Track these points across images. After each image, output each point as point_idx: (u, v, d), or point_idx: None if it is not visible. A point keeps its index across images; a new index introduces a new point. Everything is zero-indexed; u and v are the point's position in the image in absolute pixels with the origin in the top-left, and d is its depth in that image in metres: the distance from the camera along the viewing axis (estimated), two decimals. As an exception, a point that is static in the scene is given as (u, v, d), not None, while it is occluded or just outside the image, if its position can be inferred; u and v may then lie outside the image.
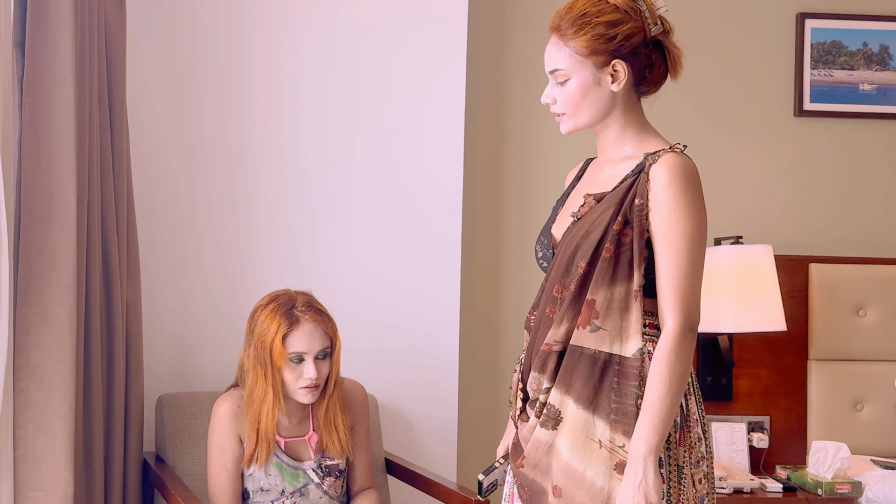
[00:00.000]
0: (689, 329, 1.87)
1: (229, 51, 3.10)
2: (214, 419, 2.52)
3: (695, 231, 1.88)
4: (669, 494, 1.90)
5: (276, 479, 2.50)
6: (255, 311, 2.51)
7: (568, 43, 1.96)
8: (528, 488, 1.95)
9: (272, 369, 2.44)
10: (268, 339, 2.44)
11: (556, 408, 1.91)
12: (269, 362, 2.44)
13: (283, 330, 2.43)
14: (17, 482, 2.31)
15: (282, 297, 2.51)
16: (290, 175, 3.14)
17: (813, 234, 3.59)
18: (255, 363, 2.46)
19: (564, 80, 1.98)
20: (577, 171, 2.16)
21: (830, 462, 3.06)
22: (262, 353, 2.44)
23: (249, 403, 2.47)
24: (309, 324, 2.46)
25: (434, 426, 3.19)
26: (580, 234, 1.94)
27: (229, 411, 2.51)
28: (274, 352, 2.43)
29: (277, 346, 2.42)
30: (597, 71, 1.96)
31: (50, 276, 2.35)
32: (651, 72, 1.99)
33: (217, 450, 2.50)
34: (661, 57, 1.99)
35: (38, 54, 2.36)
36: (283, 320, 2.44)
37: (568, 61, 1.96)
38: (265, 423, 2.46)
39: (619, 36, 1.93)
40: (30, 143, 2.35)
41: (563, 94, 1.99)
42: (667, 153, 1.92)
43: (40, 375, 2.33)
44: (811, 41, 3.59)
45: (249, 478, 2.51)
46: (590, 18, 1.94)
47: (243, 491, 2.52)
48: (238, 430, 2.51)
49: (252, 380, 2.47)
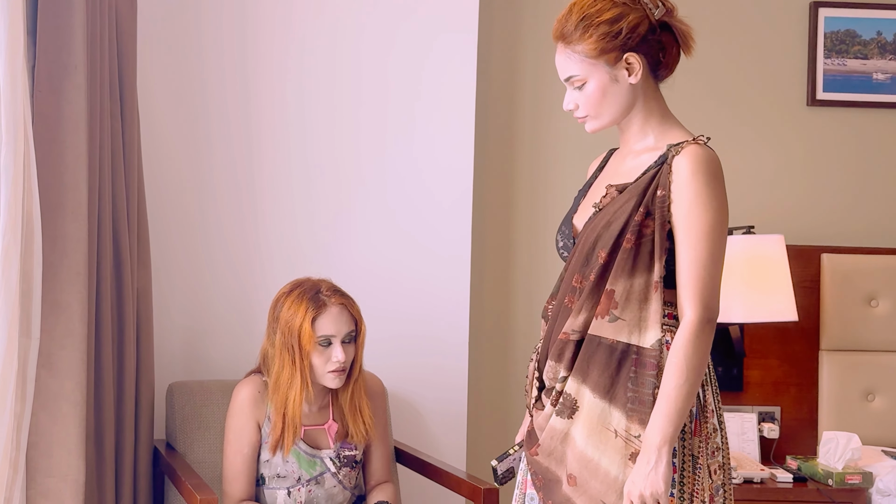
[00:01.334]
0: (708, 321, 1.86)
1: (237, 39, 3.10)
2: (234, 404, 2.53)
3: (716, 223, 1.88)
4: (683, 484, 1.90)
5: (293, 466, 2.51)
6: (279, 299, 2.52)
7: (575, 48, 1.95)
8: (542, 476, 1.95)
9: (300, 354, 2.45)
10: (295, 323, 2.44)
11: (572, 397, 1.91)
12: (298, 347, 2.44)
13: (311, 314, 2.44)
14: (29, 469, 2.32)
15: (305, 283, 2.53)
16: (299, 164, 3.14)
17: (825, 224, 3.58)
18: (281, 349, 2.46)
19: (581, 84, 1.97)
20: (599, 162, 2.15)
21: (841, 452, 3.06)
22: (290, 338, 2.45)
23: (276, 389, 2.47)
24: (336, 307, 2.47)
25: (443, 415, 3.20)
26: (601, 224, 1.94)
27: (250, 396, 2.52)
28: (303, 336, 2.43)
29: (307, 330, 2.43)
30: (611, 69, 1.95)
31: (61, 264, 2.36)
32: (665, 55, 1.98)
33: (235, 434, 2.51)
34: (671, 37, 1.98)
35: (50, 43, 2.36)
36: (310, 304, 2.45)
37: (580, 66, 1.96)
38: (292, 407, 2.46)
39: (625, 30, 1.92)
40: (41, 132, 2.35)
41: (584, 98, 1.98)
42: (690, 145, 1.91)
43: (52, 363, 2.34)
44: (825, 30, 3.56)
45: (266, 464, 2.52)
46: (591, 19, 1.93)
47: (259, 477, 2.53)
48: (257, 416, 2.52)
49: (279, 366, 2.47)
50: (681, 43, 1.99)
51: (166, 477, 2.78)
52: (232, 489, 2.51)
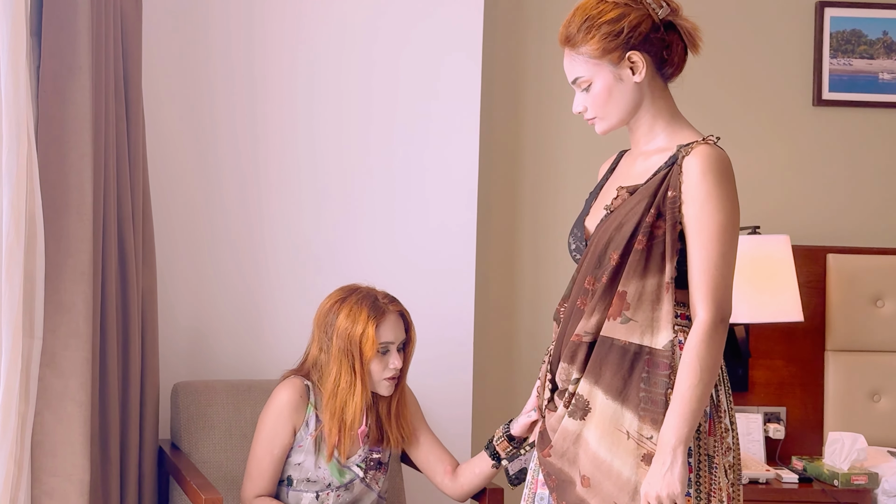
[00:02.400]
0: (721, 321, 1.87)
1: (244, 40, 3.09)
2: (274, 405, 2.51)
3: (727, 223, 1.88)
4: (699, 484, 1.90)
5: (324, 473, 2.50)
6: (331, 307, 2.50)
7: (580, 50, 1.97)
8: (556, 477, 1.96)
9: (360, 361, 2.44)
10: (356, 331, 2.43)
11: (584, 398, 1.92)
12: (359, 354, 2.44)
13: (373, 321, 2.44)
14: (33, 468, 2.33)
15: (358, 290, 2.52)
16: (305, 164, 3.14)
17: (831, 225, 3.57)
18: (339, 356, 2.45)
19: (588, 86, 1.99)
20: (610, 164, 2.16)
21: (847, 453, 3.05)
22: (350, 345, 2.44)
23: (333, 395, 2.46)
24: (393, 314, 2.49)
25: (448, 414, 3.19)
26: (613, 226, 1.95)
27: (291, 401, 2.50)
28: (365, 343, 2.43)
29: (370, 338, 2.43)
30: (615, 68, 1.96)
31: (66, 264, 2.36)
32: (670, 53, 1.98)
33: (268, 434, 2.50)
34: (676, 36, 1.99)
35: (55, 44, 2.36)
36: (370, 312, 2.45)
37: (585, 67, 1.98)
38: (351, 413, 2.45)
39: (626, 28, 1.94)
40: (46, 133, 2.36)
41: (591, 99, 2.00)
42: (700, 145, 1.92)
43: (57, 363, 2.34)
44: (830, 30, 3.56)
45: (297, 467, 2.51)
46: (593, 21, 1.95)
47: (286, 478, 2.52)
48: (295, 420, 2.50)
49: (336, 373, 2.45)
50: (687, 41, 1.99)
51: (171, 477, 2.79)
52: (254, 486, 2.50)
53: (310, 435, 2.50)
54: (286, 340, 3.07)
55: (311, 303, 3.10)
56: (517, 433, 2.35)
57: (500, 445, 2.38)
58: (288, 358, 3.04)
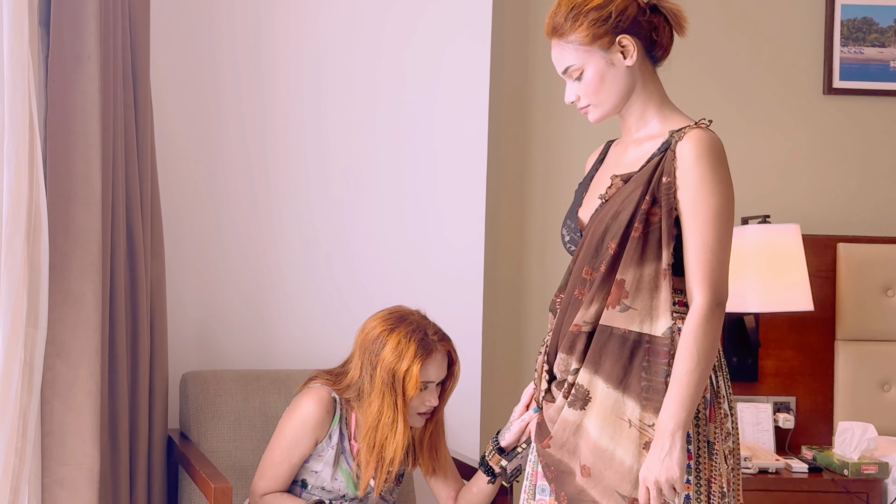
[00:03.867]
0: (717, 305, 1.87)
1: (251, 29, 3.10)
2: (299, 416, 2.45)
3: (722, 207, 1.88)
4: (699, 470, 1.90)
5: (340, 485, 2.48)
6: (378, 336, 2.40)
7: (569, 39, 1.98)
8: (555, 468, 1.96)
9: (403, 398, 2.37)
10: (401, 367, 2.35)
11: (584, 388, 1.92)
12: (402, 392, 2.37)
13: (419, 360, 2.35)
14: (43, 457, 2.34)
15: (409, 320, 2.42)
16: (312, 154, 3.14)
17: (841, 214, 3.56)
18: (383, 389, 2.37)
19: (579, 74, 1.99)
20: (597, 155, 2.15)
21: (857, 442, 3.05)
22: (394, 381, 2.36)
23: (374, 429, 2.39)
24: (440, 353, 2.41)
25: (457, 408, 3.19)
26: (609, 215, 1.94)
27: (317, 416, 2.43)
28: (408, 382, 2.35)
29: (413, 377, 2.35)
30: (606, 53, 1.97)
31: (75, 254, 2.36)
32: (658, 34, 1.99)
33: (289, 443, 2.45)
34: (662, 18, 1.99)
35: (63, 33, 2.36)
36: (419, 350, 2.36)
37: (575, 55, 1.98)
38: (391, 451, 2.38)
39: (614, 13, 1.95)
40: (55, 123, 2.36)
41: (583, 88, 2.00)
42: (692, 129, 1.92)
43: (67, 352, 2.35)
44: (841, 18, 3.54)
45: (314, 474, 2.49)
46: (580, 8, 1.96)
47: (302, 480, 2.50)
48: (318, 433, 2.45)
49: (378, 407, 2.38)
50: (672, 23, 2.00)
51: (180, 466, 2.80)
52: (266, 485, 2.48)
53: (331, 448, 2.47)
54: (294, 330, 3.09)
55: (318, 293, 3.13)
56: (507, 444, 2.32)
57: (493, 460, 2.36)
58: (295, 349, 3.06)
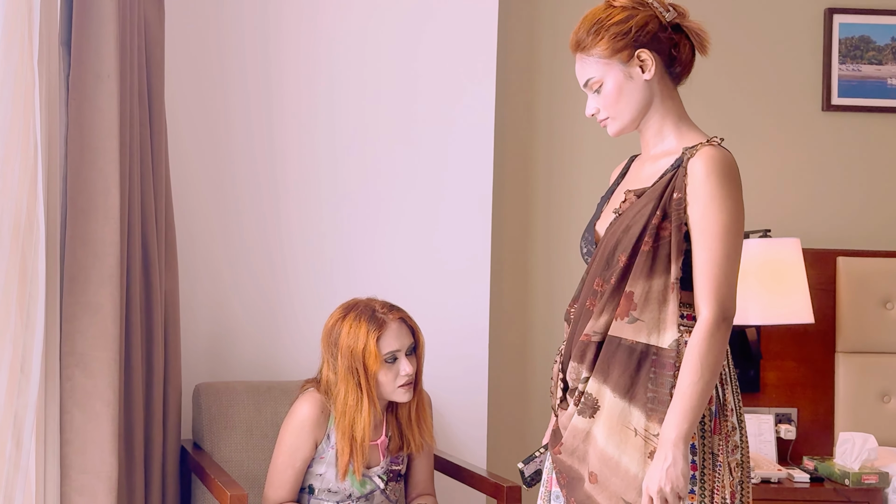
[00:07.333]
0: (724, 319, 1.89)
1: (261, 49, 3.15)
2: (294, 421, 2.52)
3: (731, 223, 1.91)
4: (703, 481, 1.93)
5: (346, 485, 2.52)
6: (333, 326, 2.52)
7: (590, 52, 2.02)
8: (566, 474, 1.99)
9: (366, 376, 2.45)
10: (359, 346, 2.45)
11: (593, 396, 1.95)
12: (363, 369, 2.44)
13: (374, 334, 2.45)
14: (63, 465, 2.37)
15: (356, 305, 2.53)
16: (323, 169, 3.18)
17: (841, 228, 3.59)
18: (345, 374, 2.46)
19: (599, 87, 2.03)
20: (621, 169, 2.20)
21: (858, 453, 3.07)
22: (354, 362, 2.45)
23: (342, 416, 2.47)
24: (395, 322, 2.49)
25: (464, 415, 3.23)
26: (621, 228, 1.98)
27: (312, 417, 2.51)
28: (368, 357, 2.44)
29: (371, 351, 2.43)
30: (625, 66, 2.00)
31: (93, 266, 2.40)
32: (678, 50, 2.03)
33: (290, 448, 2.52)
34: (683, 36, 2.03)
35: (84, 53, 2.41)
36: (370, 325, 2.46)
37: (595, 68, 2.02)
38: (361, 431, 2.45)
39: (634, 27, 1.99)
40: (75, 139, 2.40)
41: (602, 100, 2.04)
42: (704, 146, 1.95)
43: (86, 363, 2.38)
44: (839, 36, 3.59)
45: (319, 477, 2.53)
46: (602, 24, 2.01)
47: (308, 486, 2.55)
48: (317, 435, 2.52)
49: (343, 392, 2.47)
50: (694, 42, 2.03)
51: (194, 475, 2.83)
52: (276, 494, 2.53)
53: (331, 448, 2.52)
54: (304, 342, 3.12)
55: (328, 305, 3.13)
56: None
57: None
58: (306, 360, 3.08)
